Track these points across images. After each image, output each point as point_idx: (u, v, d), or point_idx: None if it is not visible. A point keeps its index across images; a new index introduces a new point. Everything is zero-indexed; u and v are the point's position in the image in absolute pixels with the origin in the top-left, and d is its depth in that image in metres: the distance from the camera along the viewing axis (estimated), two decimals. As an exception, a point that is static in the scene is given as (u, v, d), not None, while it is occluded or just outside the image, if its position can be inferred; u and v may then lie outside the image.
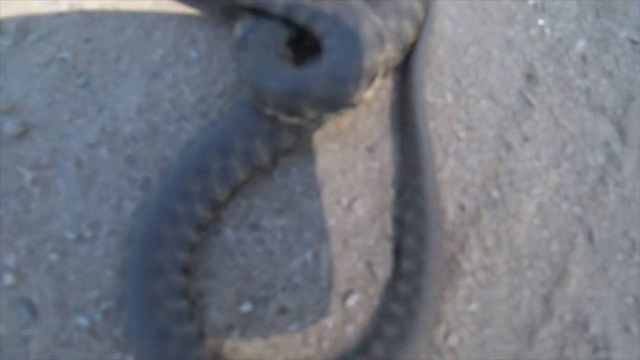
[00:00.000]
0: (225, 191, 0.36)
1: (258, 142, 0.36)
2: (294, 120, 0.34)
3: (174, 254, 0.34)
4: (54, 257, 0.36)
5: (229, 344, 0.34)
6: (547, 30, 0.47)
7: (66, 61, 0.42)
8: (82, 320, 0.34)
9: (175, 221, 0.34)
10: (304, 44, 0.37)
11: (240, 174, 0.36)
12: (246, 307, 0.35)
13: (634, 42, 0.49)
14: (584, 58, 0.46)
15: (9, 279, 0.35)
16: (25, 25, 0.43)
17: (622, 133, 0.44)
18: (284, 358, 0.34)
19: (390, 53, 0.38)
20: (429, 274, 0.34)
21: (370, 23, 0.34)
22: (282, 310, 0.35)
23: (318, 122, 0.35)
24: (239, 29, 0.38)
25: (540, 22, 0.47)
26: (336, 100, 0.33)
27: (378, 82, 0.35)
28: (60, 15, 0.44)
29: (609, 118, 0.44)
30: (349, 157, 0.39)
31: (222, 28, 0.43)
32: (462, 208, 0.38)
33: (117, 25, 0.44)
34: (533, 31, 0.46)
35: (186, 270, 0.35)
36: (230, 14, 0.40)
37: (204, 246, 0.36)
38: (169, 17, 0.44)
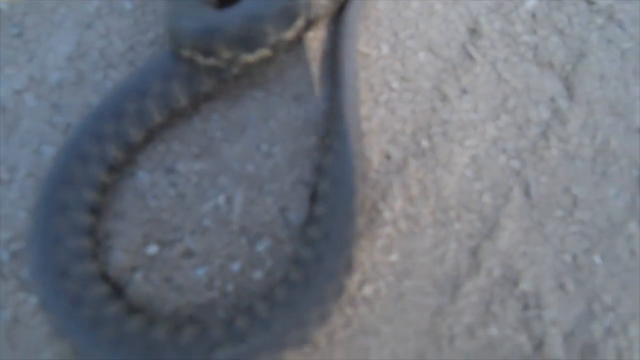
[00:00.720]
0: (140, 133, 0.36)
1: (175, 85, 0.36)
2: (210, 62, 0.34)
3: (82, 193, 0.34)
4: None
5: (132, 286, 0.34)
6: None
7: (2, 12, 0.44)
8: None
9: (85, 161, 0.35)
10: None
11: (157, 116, 0.36)
12: (152, 249, 0.35)
13: (590, 2, 0.49)
14: (534, 15, 0.46)
15: None
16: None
17: (569, 89, 0.43)
18: (187, 301, 0.34)
19: (323, 1, 0.38)
20: (341, 218, 0.33)
21: None
22: (189, 253, 0.35)
23: (238, 65, 0.36)
24: None
25: None
26: (251, 39, 0.33)
27: (300, 23, 0.35)
28: None
29: (556, 74, 0.44)
30: (273, 104, 0.39)
31: None
32: (388, 157, 0.38)
33: None
34: None
35: (94, 210, 0.35)
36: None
37: (117, 187, 0.37)
38: None
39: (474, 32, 0.44)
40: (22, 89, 0.41)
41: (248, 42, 0.33)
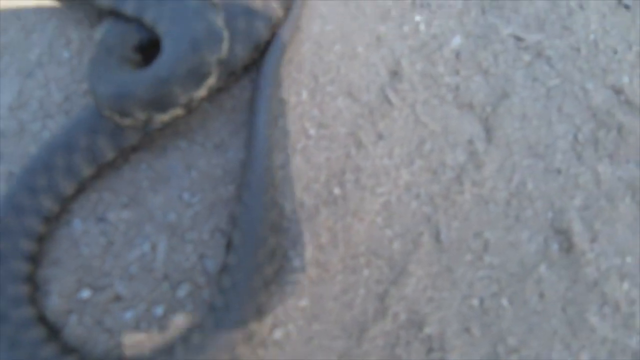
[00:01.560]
0: (72, 185, 0.41)
1: (102, 140, 0.41)
2: (127, 122, 0.38)
3: (18, 243, 0.39)
4: None
5: (68, 329, 0.39)
6: (422, 27, 0.49)
7: None
8: None
9: (21, 213, 0.40)
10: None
11: (86, 170, 0.41)
12: (85, 293, 0.40)
13: (518, 39, 0.51)
14: (458, 54, 0.49)
15: None
16: None
17: (488, 131, 0.46)
18: (116, 343, 0.39)
19: (237, 54, 0.42)
20: (249, 268, 0.37)
21: (204, 23, 0.38)
22: (118, 298, 0.40)
23: (154, 123, 0.40)
24: (98, 31, 0.43)
25: (417, 18, 0.50)
26: (161, 101, 0.37)
27: (211, 81, 0.39)
28: None
29: (476, 116, 0.47)
30: (195, 153, 0.43)
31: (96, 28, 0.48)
32: (301, 205, 0.42)
33: (0, 26, 0.50)
34: (406, 27, 0.49)
35: (31, 258, 0.40)
36: (95, 15, 0.45)
37: (53, 236, 0.42)
38: (49, 18, 0.50)
39: (394, 74, 0.47)
40: None
41: (159, 103, 0.37)
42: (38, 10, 0.49)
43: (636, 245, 0.46)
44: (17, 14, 0.49)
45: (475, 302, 0.41)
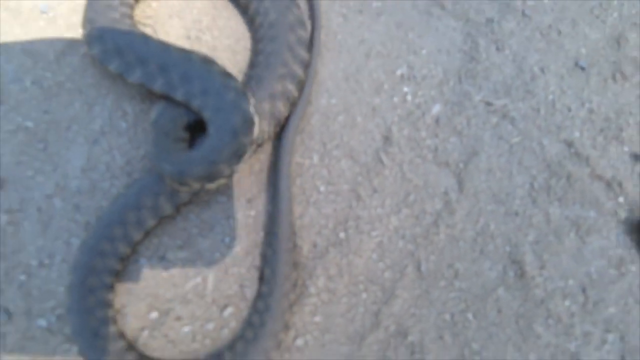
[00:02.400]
0: (140, 234, 0.61)
1: (162, 200, 0.60)
2: (184, 189, 0.58)
3: (103, 278, 0.59)
4: (22, 277, 0.62)
5: (142, 341, 0.60)
6: (409, 97, 0.69)
7: (29, 129, 0.68)
8: (42, 322, 0.60)
9: (104, 256, 0.60)
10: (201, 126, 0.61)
11: (150, 222, 0.61)
12: (154, 315, 0.60)
13: (488, 104, 0.71)
14: (437, 120, 0.69)
15: (-7, 293, 0.61)
16: None
17: (460, 183, 0.66)
18: (179, 351, 0.59)
19: (264, 129, 0.62)
20: (277, 295, 0.58)
21: (240, 114, 0.58)
22: (178, 318, 0.60)
23: (205, 188, 0.59)
24: (153, 113, 0.62)
25: (405, 89, 0.70)
26: (211, 176, 0.57)
27: (247, 156, 0.59)
28: (24, 90, 0.70)
29: (451, 171, 0.67)
30: (232, 207, 0.63)
31: (147, 103, 0.68)
32: (315, 246, 0.62)
33: (67, 100, 0.69)
34: (396, 98, 0.69)
35: (112, 289, 0.60)
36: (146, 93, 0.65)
37: (126, 271, 0.62)
38: (107, 93, 0.69)
39: (386, 139, 0.67)
40: (51, 193, 0.65)
41: (209, 177, 0.56)
42: (98, 86, 0.69)
43: (578, 271, 0.66)
44: (80, 89, 0.69)
45: (447, 316, 0.62)
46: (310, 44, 0.67)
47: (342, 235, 0.62)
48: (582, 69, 0.78)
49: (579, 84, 0.76)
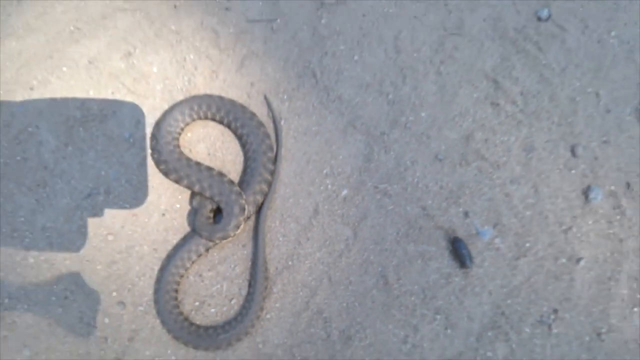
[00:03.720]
0: (190, 262, 1.47)
1: (201, 246, 1.47)
2: (212, 242, 1.44)
3: (172, 285, 1.47)
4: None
5: (191, 316, 1.47)
6: (329, 186, 1.53)
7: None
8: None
9: (174, 273, 1.47)
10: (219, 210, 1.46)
11: (194, 257, 1.47)
12: (196, 304, 1.47)
13: (375, 187, 1.54)
14: (344, 199, 1.52)
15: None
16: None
17: (355, 234, 1.50)
18: (208, 321, 1.46)
19: (250, 211, 1.47)
20: (258, 293, 1.42)
21: (239, 204, 1.42)
22: (209, 305, 1.47)
23: (223, 242, 1.45)
24: (194, 202, 1.48)
25: (327, 181, 1.53)
26: (224, 237, 1.41)
27: (242, 225, 1.43)
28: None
29: (350, 228, 1.50)
30: (234, 251, 1.49)
31: (187, 196, 1.54)
32: (276, 268, 1.46)
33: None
34: (322, 187, 1.53)
35: (177, 290, 1.48)
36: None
37: (184, 281, 1.49)
38: (166, 191, 1.56)
39: (315, 210, 1.51)
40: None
41: (224, 237, 1.42)
42: (163, 183, 1.56)
43: (421, 281, 1.50)
44: (154, 186, 1.56)
45: (344, 304, 1.47)
46: (275, 159, 1.52)
47: (290, 263, 1.47)
48: (440, 160, 1.60)
49: (436, 170, 1.58)
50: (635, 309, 1.46)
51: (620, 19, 1.69)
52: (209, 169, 1.38)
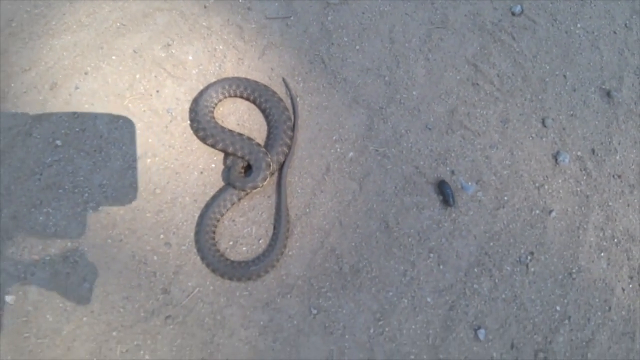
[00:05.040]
0: (226, 209, 2.14)
1: (234, 196, 2.15)
2: (243, 192, 2.12)
3: (211, 227, 2.13)
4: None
5: (226, 254, 2.13)
6: (338, 149, 2.23)
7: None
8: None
9: (212, 217, 2.14)
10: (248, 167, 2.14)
11: (229, 205, 2.14)
12: (230, 243, 2.13)
13: (376, 150, 2.24)
14: (351, 159, 2.21)
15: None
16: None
17: (361, 187, 2.19)
18: (241, 257, 2.12)
19: (274, 167, 2.16)
20: (281, 234, 2.08)
21: (265, 161, 2.11)
22: (241, 244, 2.13)
23: (254, 190, 2.13)
24: (228, 161, 2.17)
25: (336, 145, 2.24)
26: (254, 187, 2.08)
27: (268, 178, 2.12)
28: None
29: (357, 182, 2.18)
30: (261, 200, 2.17)
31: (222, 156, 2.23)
32: (295, 214, 2.13)
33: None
34: (332, 150, 2.23)
35: (215, 230, 2.15)
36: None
37: (220, 225, 2.16)
38: (203, 154, 2.25)
39: (327, 169, 2.20)
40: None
41: (254, 188, 2.08)
42: (203, 148, 2.26)
43: (416, 226, 2.19)
44: (193, 150, 2.26)
45: (353, 244, 2.15)
46: (293, 127, 2.23)
47: (307, 210, 2.14)
48: (429, 129, 2.32)
49: (427, 137, 2.29)
50: (602, 254, 2.13)
51: (586, 12, 2.45)
52: (240, 134, 2.07)
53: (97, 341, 1.80)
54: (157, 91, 2.07)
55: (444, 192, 2.00)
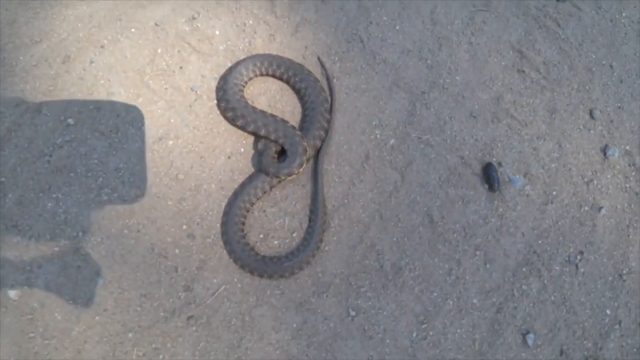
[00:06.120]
0: (257, 197, 1.84)
1: (266, 184, 1.86)
2: (275, 179, 1.83)
3: (240, 218, 1.84)
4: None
5: (256, 247, 1.84)
6: (378, 136, 1.95)
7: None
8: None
9: (241, 207, 1.85)
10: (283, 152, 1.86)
11: (260, 193, 1.84)
12: (261, 236, 1.84)
13: (419, 138, 1.97)
14: (392, 147, 1.93)
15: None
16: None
17: (403, 177, 1.91)
18: (272, 252, 1.83)
19: (310, 153, 1.87)
20: (317, 227, 1.79)
21: (302, 146, 1.82)
22: (273, 237, 1.84)
23: (287, 178, 1.84)
24: (259, 145, 1.87)
25: (376, 132, 1.96)
26: (289, 174, 1.79)
27: (305, 165, 1.83)
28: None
29: (398, 172, 1.90)
30: (295, 190, 1.88)
31: (254, 140, 1.94)
32: (333, 206, 1.85)
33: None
34: (372, 136, 1.94)
35: (244, 222, 1.86)
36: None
37: (250, 215, 1.87)
38: (230, 137, 1.96)
39: (367, 156, 1.93)
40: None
41: (289, 174, 1.78)
42: (230, 131, 1.96)
43: (461, 221, 1.91)
44: (220, 132, 1.96)
45: (394, 239, 1.86)
46: (330, 110, 1.94)
47: (345, 201, 1.86)
48: (474, 117, 2.04)
49: (471, 125, 2.02)
50: (653, 255, 1.88)
51: (631, 2, 2.20)
52: (273, 115, 1.78)
53: (110, 343, 1.51)
54: (181, 67, 1.77)
55: (490, 175, 1.73)
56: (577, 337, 1.71)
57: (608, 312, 1.76)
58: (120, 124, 1.73)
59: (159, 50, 1.82)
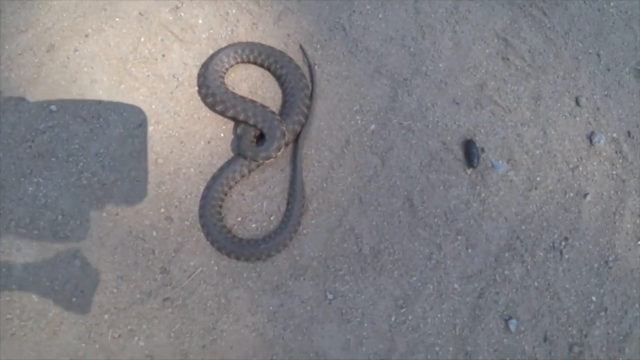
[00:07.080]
0: (235, 181, 1.79)
1: (244, 167, 1.81)
2: (254, 163, 1.78)
3: (218, 201, 1.79)
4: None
5: (233, 230, 1.79)
6: (359, 121, 1.90)
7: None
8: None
9: (219, 190, 1.80)
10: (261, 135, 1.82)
11: (238, 177, 1.79)
12: (239, 219, 1.80)
13: (400, 123, 1.91)
14: (372, 132, 1.88)
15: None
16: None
17: (383, 162, 1.86)
18: (250, 234, 1.78)
19: (289, 137, 1.83)
20: (295, 210, 1.74)
21: (280, 130, 1.78)
22: (250, 220, 1.80)
23: (265, 162, 1.80)
24: (238, 130, 1.84)
25: (357, 117, 1.90)
26: (267, 158, 1.75)
27: (283, 149, 1.79)
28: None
29: (379, 157, 1.86)
30: (274, 174, 1.84)
31: (232, 124, 1.90)
32: (312, 189, 1.79)
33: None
34: (352, 122, 1.90)
35: (222, 205, 1.81)
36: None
37: (228, 199, 1.82)
38: (211, 121, 1.92)
39: (347, 142, 1.87)
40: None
41: (266, 158, 1.73)
42: (212, 117, 1.93)
43: (442, 204, 1.85)
44: (200, 118, 1.93)
45: (374, 222, 1.80)
46: (311, 96, 1.90)
47: (324, 185, 1.80)
48: (457, 103, 1.99)
49: (454, 111, 1.96)
50: (640, 242, 1.80)
51: None
52: (252, 101, 1.74)
53: (86, 325, 1.47)
54: (163, 55, 1.75)
55: (470, 151, 1.68)
56: (562, 324, 1.64)
57: (593, 298, 1.68)
58: (101, 110, 1.70)
59: (142, 39, 1.80)
